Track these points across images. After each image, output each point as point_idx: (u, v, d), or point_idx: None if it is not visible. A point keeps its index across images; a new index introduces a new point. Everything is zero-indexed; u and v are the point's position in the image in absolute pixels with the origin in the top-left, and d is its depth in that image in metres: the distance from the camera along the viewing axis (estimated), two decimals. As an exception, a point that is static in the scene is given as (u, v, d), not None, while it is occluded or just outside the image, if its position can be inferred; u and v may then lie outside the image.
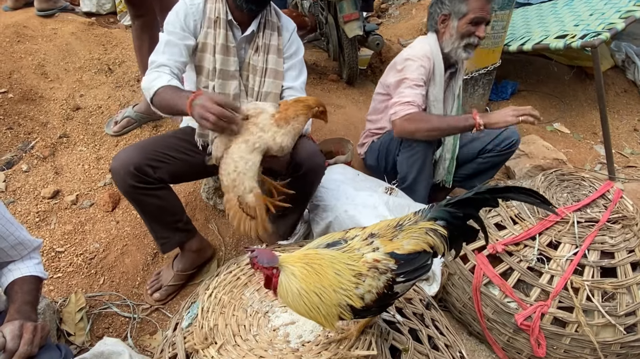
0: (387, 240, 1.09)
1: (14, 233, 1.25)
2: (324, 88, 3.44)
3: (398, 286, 1.06)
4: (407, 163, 2.07)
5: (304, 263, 1.02)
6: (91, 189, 2.28)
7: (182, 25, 1.64)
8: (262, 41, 1.71)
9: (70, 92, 2.77)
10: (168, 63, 1.60)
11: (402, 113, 1.97)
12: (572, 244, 1.70)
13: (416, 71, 2.01)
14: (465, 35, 2.02)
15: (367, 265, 1.03)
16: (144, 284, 1.96)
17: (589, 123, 3.71)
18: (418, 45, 2.11)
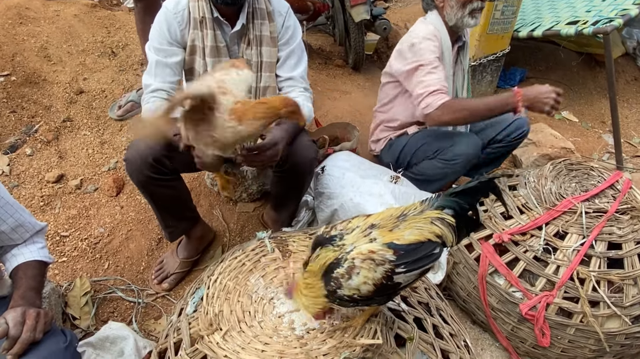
0: (386, 230, 1.07)
1: (13, 215, 1.24)
2: (329, 73, 3.40)
3: (399, 276, 1.04)
4: (440, 172, 2.04)
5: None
6: (95, 174, 2.27)
7: (168, 39, 1.56)
8: (254, 33, 1.62)
9: (74, 75, 2.75)
10: (163, 87, 1.55)
11: (436, 104, 1.85)
12: (579, 234, 1.68)
13: (428, 53, 1.93)
14: (467, 2, 1.94)
15: (362, 257, 1.02)
16: (148, 269, 1.96)
17: (598, 112, 3.66)
18: (420, 27, 2.03)
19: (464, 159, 1.99)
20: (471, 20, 1.97)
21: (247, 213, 2.19)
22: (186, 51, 1.59)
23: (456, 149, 1.98)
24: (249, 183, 2.14)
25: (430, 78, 1.90)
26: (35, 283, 1.26)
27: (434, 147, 2.04)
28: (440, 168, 2.05)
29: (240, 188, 2.15)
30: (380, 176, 1.96)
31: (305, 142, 1.64)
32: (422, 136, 2.13)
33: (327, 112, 2.89)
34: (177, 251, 1.93)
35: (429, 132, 2.13)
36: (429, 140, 2.07)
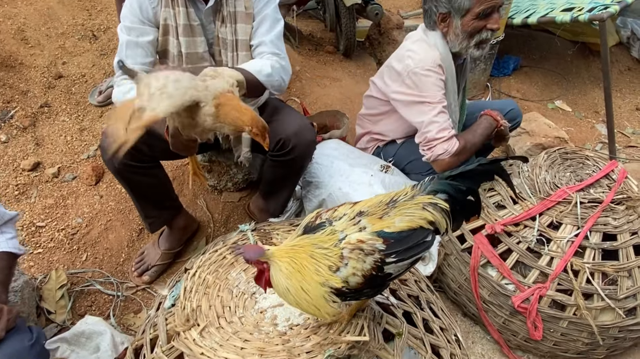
0: (376, 218, 1.01)
1: None
2: (319, 60, 3.31)
3: (389, 266, 0.98)
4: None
5: (290, 257, 0.96)
6: (74, 161, 2.18)
7: (140, 17, 1.46)
8: (227, 9, 1.51)
9: (52, 59, 2.63)
10: (135, 69, 1.45)
11: (453, 150, 1.74)
12: (573, 225, 1.64)
13: (435, 89, 1.73)
14: (475, 33, 1.72)
15: (350, 246, 0.95)
16: (128, 261, 1.88)
17: (591, 102, 3.62)
18: (424, 53, 1.77)
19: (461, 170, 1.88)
20: (477, 52, 1.77)
21: (232, 202, 2.11)
22: (159, 31, 1.50)
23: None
24: (234, 171, 2.06)
25: (443, 121, 1.74)
26: (2, 276, 1.18)
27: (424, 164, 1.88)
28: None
29: (225, 177, 2.08)
30: (370, 165, 1.90)
31: (304, 124, 1.57)
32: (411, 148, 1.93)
33: (317, 99, 2.81)
34: (158, 243, 1.85)
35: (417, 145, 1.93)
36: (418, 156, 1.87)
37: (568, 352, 1.67)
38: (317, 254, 0.95)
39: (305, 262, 0.94)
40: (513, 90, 3.54)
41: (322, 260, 0.94)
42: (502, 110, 2.08)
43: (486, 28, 1.71)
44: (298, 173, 1.76)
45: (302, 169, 1.74)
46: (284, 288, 0.94)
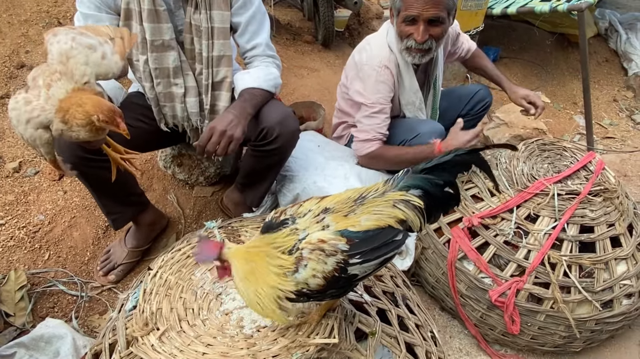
0: (341, 216, 0.94)
1: None
2: (297, 49, 3.23)
3: (354, 268, 0.91)
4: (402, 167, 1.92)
5: (245, 259, 0.91)
6: (36, 156, 2.07)
7: (97, 4, 1.35)
8: None
9: (15, 47, 2.49)
10: None
11: (363, 151, 1.85)
12: (551, 217, 1.62)
13: (373, 91, 1.77)
14: (404, 37, 1.69)
15: (311, 246, 0.89)
16: (94, 260, 1.80)
17: (570, 93, 3.63)
18: (377, 48, 1.79)
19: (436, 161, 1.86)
20: (408, 57, 1.73)
21: (204, 197, 2.03)
22: (120, 16, 1.40)
23: (418, 141, 1.83)
24: (205, 165, 1.98)
25: (366, 123, 1.82)
26: None
27: (397, 139, 1.90)
28: None
29: (197, 171, 2.00)
30: (346, 157, 1.84)
31: (287, 113, 1.52)
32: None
33: (294, 90, 2.74)
34: (125, 240, 1.77)
35: (394, 123, 1.96)
36: (392, 132, 1.91)
37: (545, 345, 1.66)
38: (273, 255, 0.89)
39: (261, 263, 0.89)
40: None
41: (275, 262, 0.89)
42: (469, 93, 2.08)
43: (412, 37, 1.68)
44: (280, 163, 1.70)
45: (284, 159, 1.68)
46: (240, 290, 0.89)
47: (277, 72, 1.59)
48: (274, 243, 0.90)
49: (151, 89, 1.51)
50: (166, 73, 1.49)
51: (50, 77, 1.04)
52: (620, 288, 1.59)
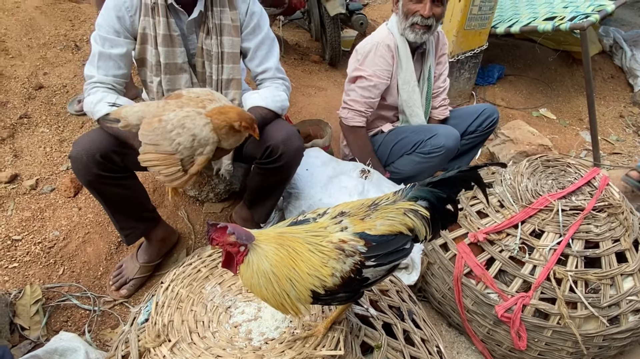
0: (358, 219, 0.99)
1: None
2: (305, 69, 3.31)
3: (368, 270, 0.95)
4: (418, 167, 2.01)
5: (278, 243, 0.92)
6: (52, 173, 2.14)
7: (116, 27, 1.43)
8: (213, 21, 1.50)
9: (33, 69, 2.60)
10: (106, 80, 1.44)
11: (351, 122, 2.01)
12: (556, 233, 1.63)
13: (373, 67, 1.91)
14: (410, 14, 1.87)
15: (332, 246, 0.93)
16: (106, 275, 1.84)
17: (575, 109, 3.65)
18: (378, 32, 1.99)
19: (444, 152, 1.95)
20: (411, 34, 1.90)
21: (214, 213, 2.08)
22: (137, 40, 1.47)
23: (435, 141, 1.94)
24: (215, 182, 2.03)
25: (362, 94, 1.95)
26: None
27: (412, 140, 2.00)
28: (418, 162, 2.00)
29: (207, 188, 2.05)
30: (350, 172, 1.88)
31: (292, 132, 1.57)
32: (399, 131, 2.09)
33: (302, 109, 2.80)
34: (137, 255, 1.81)
35: (407, 127, 2.08)
36: (408, 134, 2.03)
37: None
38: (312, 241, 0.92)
39: (303, 250, 0.91)
40: (498, 99, 3.56)
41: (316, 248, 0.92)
42: (476, 110, 2.18)
43: (418, 13, 1.86)
44: (286, 181, 1.74)
45: (289, 176, 1.73)
46: (264, 276, 0.89)
47: (286, 95, 1.65)
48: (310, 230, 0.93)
49: None
50: None
51: (202, 102, 1.29)
52: (627, 304, 1.59)
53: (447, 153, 1.94)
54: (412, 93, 2.00)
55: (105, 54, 1.43)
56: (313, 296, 0.92)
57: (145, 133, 1.23)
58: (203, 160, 1.27)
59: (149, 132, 1.23)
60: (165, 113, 1.23)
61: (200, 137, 1.23)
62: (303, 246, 0.93)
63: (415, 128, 2.04)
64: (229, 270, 0.93)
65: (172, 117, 1.22)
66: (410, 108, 2.03)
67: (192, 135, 1.22)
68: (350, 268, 0.93)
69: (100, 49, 1.43)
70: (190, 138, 1.22)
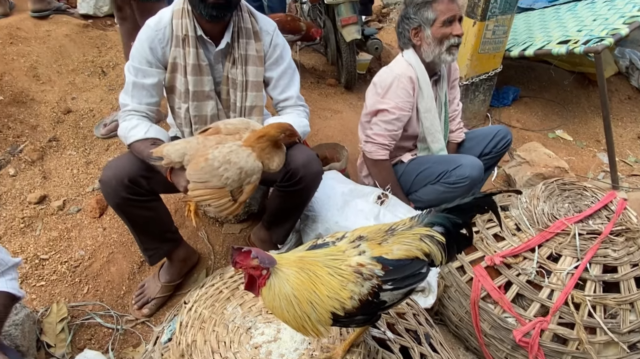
0: (375, 243, 1.02)
1: None
2: (321, 92, 3.39)
3: (385, 294, 0.98)
4: (442, 197, 2.02)
5: (298, 267, 0.95)
6: (79, 194, 2.22)
7: (149, 58, 1.52)
8: (239, 52, 1.58)
9: (62, 94, 2.72)
10: (139, 108, 1.53)
11: (375, 156, 2.04)
12: (573, 257, 1.63)
13: (396, 97, 1.95)
14: (444, 39, 1.93)
15: (350, 269, 0.96)
16: (129, 294, 1.89)
17: (592, 131, 3.64)
18: (396, 65, 2.02)
19: (468, 182, 1.97)
20: (448, 57, 1.96)
21: (233, 234, 2.13)
22: (167, 69, 1.55)
23: (460, 171, 1.96)
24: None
25: (385, 128, 1.99)
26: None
27: (436, 170, 2.02)
28: (442, 192, 2.02)
29: (226, 209, 2.10)
30: (367, 196, 1.91)
31: (311, 156, 1.62)
32: (422, 161, 2.11)
33: (318, 131, 2.86)
34: (159, 275, 1.86)
35: (429, 157, 2.11)
36: (431, 164, 2.05)
37: (573, 388, 1.63)
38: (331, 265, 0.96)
39: (322, 273, 0.94)
40: (513, 120, 3.58)
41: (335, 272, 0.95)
42: (490, 132, 2.21)
43: (452, 34, 1.92)
44: (304, 204, 1.79)
45: (308, 199, 1.78)
46: (286, 299, 0.92)
47: (307, 121, 1.73)
48: (330, 254, 0.97)
49: (190, 134, 1.65)
50: (204, 120, 1.63)
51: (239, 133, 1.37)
52: (648, 330, 1.58)
53: (471, 183, 1.96)
54: (433, 120, 2.05)
55: (138, 84, 1.51)
56: (333, 318, 0.95)
57: (193, 173, 1.31)
58: (251, 189, 1.34)
59: (197, 172, 1.30)
60: (208, 151, 1.30)
61: (246, 169, 1.29)
62: (322, 269, 0.96)
63: (437, 158, 2.07)
64: (251, 292, 0.96)
65: (217, 154, 1.28)
66: (432, 135, 2.07)
67: (239, 169, 1.29)
68: (368, 291, 0.96)
69: (134, 79, 1.51)
70: (237, 171, 1.28)
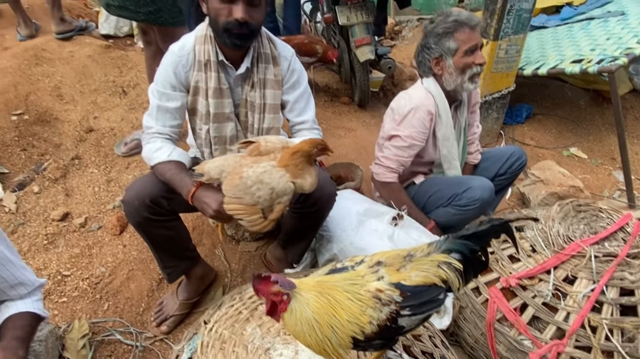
0: (394, 269, 1.05)
1: (14, 273, 1.23)
2: (335, 110, 3.44)
3: (403, 319, 1.01)
4: (454, 219, 2.03)
5: (318, 292, 0.98)
6: (100, 212, 2.28)
7: (172, 82, 1.58)
8: (258, 76, 1.63)
9: (85, 114, 2.81)
10: (164, 131, 1.59)
11: (383, 179, 2.06)
12: (589, 279, 1.63)
13: (410, 127, 1.97)
14: (466, 68, 1.94)
15: (369, 294, 0.99)
16: (148, 310, 1.93)
17: (607, 148, 3.62)
18: (416, 94, 2.02)
19: (479, 204, 1.97)
20: (471, 85, 1.97)
21: (249, 252, 2.16)
22: (189, 92, 1.62)
23: (470, 194, 1.97)
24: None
25: (395, 153, 2.02)
26: (22, 333, 1.23)
27: (447, 193, 2.03)
28: (454, 214, 2.03)
29: (243, 227, 2.14)
30: (381, 217, 1.93)
31: (325, 178, 1.66)
32: (433, 183, 2.13)
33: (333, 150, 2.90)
34: (177, 292, 1.90)
35: (440, 179, 2.13)
36: (442, 186, 2.07)
37: (591, 413, 1.62)
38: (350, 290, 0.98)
39: (342, 298, 0.97)
40: (527, 138, 3.58)
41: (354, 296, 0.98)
42: (505, 153, 2.20)
43: (474, 63, 1.93)
44: (318, 224, 1.83)
45: (322, 220, 1.81)
46: (307, 323, 0.94)
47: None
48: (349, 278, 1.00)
49: (209, 154, 1.70)
50: (223, 141, 1.68)
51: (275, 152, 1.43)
52: (667, 355, 1.56)
53: (482, 205, 1.96)
54: (451, 147, 2.06)
55: (162, 107, 1.58)
56: (353, 342, 0.97)
57: (228, 188, 1.37)
58: (282, 208, 1.39)
59: (232, 188, 1.36)
60: (243, 169, 1.35)
61: (278, 189, 1.34)
62: (342, 294, 0.99)
63: (447, 180, 2.09)
64: (273, 317, 0.99)
65: (250, 173, 1.34)
66: (448, 162, 2.09)
67: (270, 189, 1.33)
68: (387, 316, 0.99)
69: (158, 102, 1.58)
70: (269, 191, 1.33)
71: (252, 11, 1.46)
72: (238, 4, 1.43)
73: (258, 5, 1.48)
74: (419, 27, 5.64)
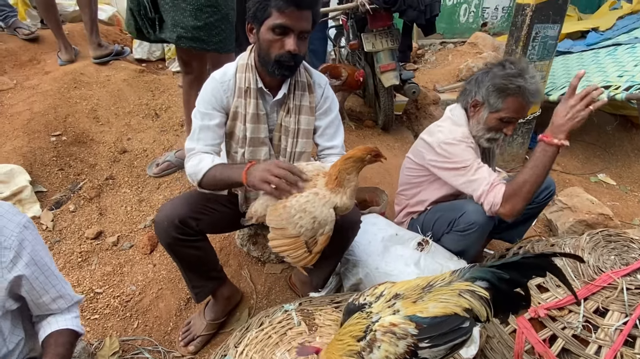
0: (410, 301, 1.06)
1: (56, 286, 1.29)
2: (359, 134, 3.48)
3: (424, 351, 1.01)
4: (460, 244, 1.97)
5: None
6: (132, 231, 2.36)
7: (214, 105, 1.66)
8: (294, 103, 1.70)
9: (119, 135, 2.93)
10: (205, 149, 1.65)
11: (499, 199, 1.80)
12: (621, 312, 1.59)
13: (467, 153, 1.89)
14: (493, 130, 1.91)
15: (383, 329, 1.01)
16: (176, 330, 1.97)
17: (637, 175, 3.55)
18: (450, 127, 1.98)
19: (477, 228, 1.89)
20: (486, 144, 1.96)
21: (274, 274, 2.19)
22: (228, 116, 1.69)
23: (466, 218, 1.91)
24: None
25: (480, 175, 1.85)
26: (63, 350, 1.28)
27: (446, 218, 1.99)
28: (458, 240, 1.98)
29: (269, 249, 2.17)
30: (407, 242, 1.94)
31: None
32: (436, 209, 2.09)
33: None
34: (204, 313, 1.94)
35: (442, 205, 2.08)
36: (443, 212, 2.02)
37: None
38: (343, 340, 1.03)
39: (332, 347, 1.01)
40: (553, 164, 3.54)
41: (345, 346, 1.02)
42: None
43: (502, 131, 1.92)
44: (343, 250, 1.85)
45: (347, 246, 1.84)
46: None
47: None
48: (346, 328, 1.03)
49: None
50: None
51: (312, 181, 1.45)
52: None
53: (481, 229, 1.89)
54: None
55: (204, 126, 1.65)
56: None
57: (272, 218, 1.41)
58: (324, 239, 1.40)
59: (275, 218, 1.39)
60: (288, 199, 1.39)
61: (320, 218, 1.35)
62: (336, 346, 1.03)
63: (446, 205, 2.04)
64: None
65: (294, 202, 1.37)
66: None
67: (312, 218, 1.35)
68: (404, 350, 1.00)
69: (200, 122, 1.65)
70: (311, 220, 1.35)
71: (301, 44, 1.55)
72: (290, 37, 1.51)
73: (306, 39, 1.57)
74: (442, 51, 5.69)
